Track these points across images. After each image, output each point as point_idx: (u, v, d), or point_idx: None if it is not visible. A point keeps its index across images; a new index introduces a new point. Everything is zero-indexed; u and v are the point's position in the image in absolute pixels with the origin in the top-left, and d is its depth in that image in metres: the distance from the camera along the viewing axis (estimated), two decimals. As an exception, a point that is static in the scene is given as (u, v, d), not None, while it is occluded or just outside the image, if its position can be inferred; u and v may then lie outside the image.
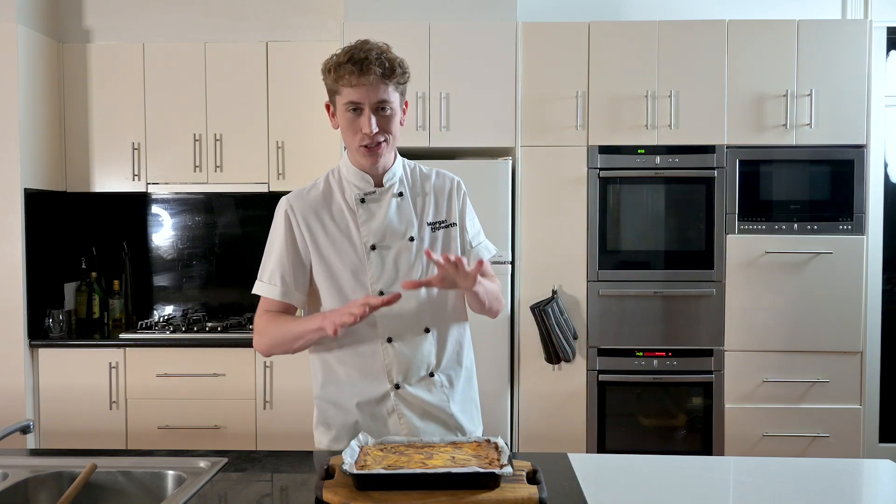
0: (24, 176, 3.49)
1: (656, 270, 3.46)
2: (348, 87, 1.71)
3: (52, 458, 1.77)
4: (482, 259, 1.71)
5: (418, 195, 1.85)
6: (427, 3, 3.48)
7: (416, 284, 1.69)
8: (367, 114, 1.71)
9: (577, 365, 3.44)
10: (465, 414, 1.88)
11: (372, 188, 1.81)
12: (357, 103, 1.71)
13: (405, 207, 1.82)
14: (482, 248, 1.90)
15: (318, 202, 1.82)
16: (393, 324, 1.79)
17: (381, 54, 1.70)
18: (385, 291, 1.77)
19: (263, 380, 3.48)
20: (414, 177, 1.88)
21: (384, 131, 1.73)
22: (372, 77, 1.68)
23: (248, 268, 4.03)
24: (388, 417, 1.81)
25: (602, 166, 3.43)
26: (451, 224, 1.85)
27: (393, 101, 1.73)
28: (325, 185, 1.85)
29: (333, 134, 3.60)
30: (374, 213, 1.80)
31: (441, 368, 1.84)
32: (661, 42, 3.43)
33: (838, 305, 3.41)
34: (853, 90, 3.42)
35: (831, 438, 3.41)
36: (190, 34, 3.81)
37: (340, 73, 1.70)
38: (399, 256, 1.79)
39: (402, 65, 1.73)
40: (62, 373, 3.51)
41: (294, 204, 1.82)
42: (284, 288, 1.80)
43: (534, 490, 1.43)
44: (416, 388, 1.81)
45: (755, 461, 1.78)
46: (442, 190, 1.87)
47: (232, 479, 1.63)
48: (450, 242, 1.85)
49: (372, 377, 1.81)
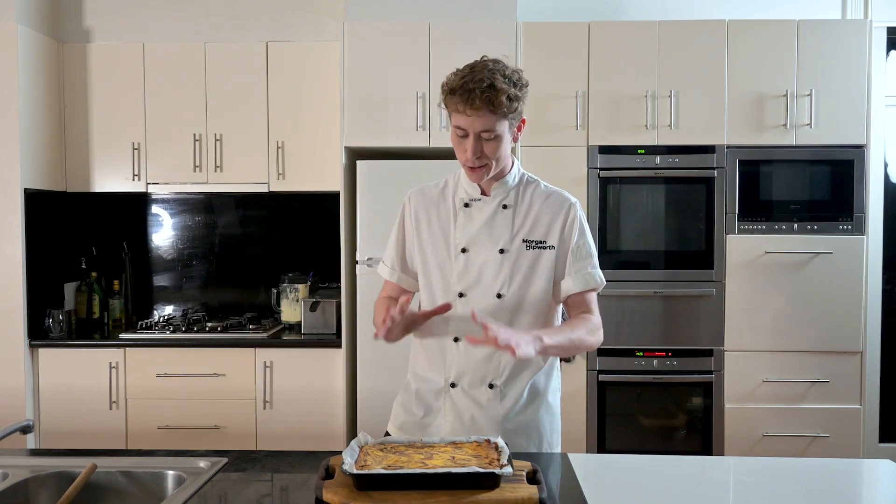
0: (24, 176, 3.49)
1: (656, 270, 3.46)
2: (456, 112, 1.79)
3: (52, 458, 1.77)
4: (473, 312, 1.67)
5: (524, 210, 1.88)
6: (427, 3, 3.48)
7: (476, 341, 1.66)
8: (471, 140, 1.78)
9: (577, 365, 3.44)
10: (518, 436, 1.85)
11: (478, 196, 1.88)
12: (464, 129, 1.78)
13: (505, 219, 1.86)
14: (586, 276, 1.85)
15: (434, 198, 1.93)
16: (462, 325, 1.83)
17: (490, 86, 1.72)
18: (465, 293, 1.84)
19: (263, 380, 3.48)
20: (527, 191, 1.90)
21: (486, 156, 1.79)
22: (477, 109, 1.74)
23: (248, 268, 4.08)
24: (437, 414, 1.87)
25: (602, 166, 3.43)
26: (548, 246, 1.85)
27: (498, 129, 1.77)
28: (444, 184, 1.95)
29: (333, 134, 3.61)
30: (473, 219, 1.87)
31: (503, 382, 1.85)
32: (661, 42, 3.43)
33: (838, 305, 3.41)
34: (853, 90, 3.42)
35: (831, 438, 3.41)
36: (190, 34, 3.81)
37: (452, 99, 1.78)
38: (486, 264, 1.84)
39: (510, 94, 1.74)
40: (62, 373, 3.51)
41: (413, 196, 1.96)
42: (395, 271, 1.96)
43: (534, 490, 1.43)
44: (470, 393, 1.85)
45: (755, 461, 1.78)
46: (551, 209, 1.87)
47: (232, 479, 1.63)
48: (540, 263, 1.85)
49: (436, 370, 1.88)
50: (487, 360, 1.84)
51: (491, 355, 1.84)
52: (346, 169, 3.50)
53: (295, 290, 3.67)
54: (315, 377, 3.47)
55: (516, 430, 1.85)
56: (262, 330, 3.59)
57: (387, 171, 3.36)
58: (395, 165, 3.36)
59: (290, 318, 3.69)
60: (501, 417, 1.85)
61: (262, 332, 3.56)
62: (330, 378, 3.46)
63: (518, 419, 1.86)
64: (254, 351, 3.48)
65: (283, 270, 3.87)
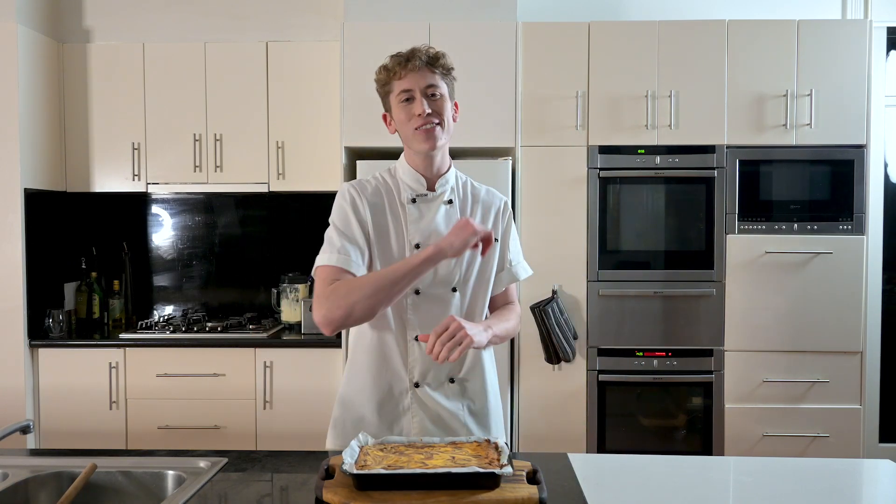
0: (24, 176, 3.49)
1: (656, 270, 3.46)
2: (398, 79, 1.81)
3: (52, 458, 1.77)
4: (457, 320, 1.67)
5: (467, 206, 1.92)
6: (427, 3, 3.48)
7: (426, 338, 1.71)
8: (419, 98, 1.80)
9: (577, 365, 3.44)
10: (481, 427, 1.89)
11: (424, 191, 1.88)
12: (408, 90, 1.80)
13: (452, 215, 1.88)
14: (519, 268, 1.99)
15: (377, 194, 1.89)
16: (423, 323, 1.83)
17: (425, 49, 1.82)
18: (421, 289, 1.84)
19: (263, 380, 3.48)
20: (465, 189, 1.95)
21: (437, 114, 1.81)
22: (417, 63, 1.79)
23: (248, 268, 4.08)
24: (402, 416, 1.85)
25: (602, 166, 3.43)
26: (494, 238, 1.88)
27: (441, 87, 1.82)
28: (381, 181, 1.92)
29: (333, 134, 3.61)
30: (423, 215, 1.87)
31: (462, 375, 1.88)
32: (661, 42, 3.43)
33: (838, 305, 3.41)
34: (853, 90, 3.42)
35: (831, 438, 3.41)
36: (190, 34, 3.81)
37: (389, 69, 1.82)
38: None
39: (447, 58, 1.84)
40: (62, 373, 3.51)
41: (358, 188, 1.89)
42: (357, 259, 1.80)
43: (534, 490, 1.43)
44: (436, 391, 1.85)
45: (755, 461, 1.78)
46: (489, 206, 1.94)
47: (232, 479, 1.63)
48: (489, 257, 1.89)
49: (393, 372, 1.85)
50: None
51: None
52: (346, 169, 3.50)
53: (295, 290, 3.67)
54: (315, 377, 3.47)
55: (479, 421, 1.89)
56: (262, 330, 3.59)
57: (387, 171, 3.36)
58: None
59: (290, 318, 3.69)
60: (466, 410, 1.88)
61: (262, 332, 3.56)
62: (330, 378, 3.46)
63: (480, 409, 1.90)
64: (254, 351, 3.48)
65: (283, 270, 3.87)
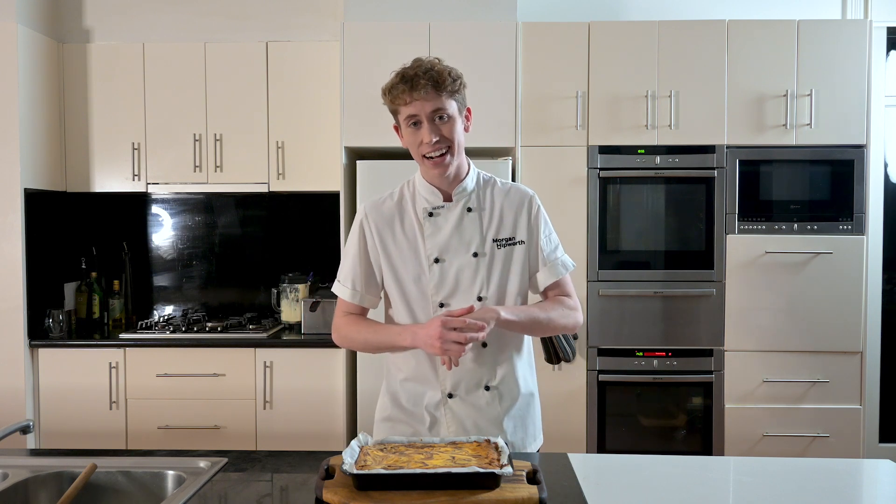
0: (24, 176, 3.49)
1: (656, 270, 3.46)
2: (404, 105, 1.78)
3: (52, 458, 1.77)
4: (472, 305, 1.78)
5: (487, 210, 1.88)
6: (427, 3, 3.48)
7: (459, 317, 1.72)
8: (425, 125, 1.77)
9: (577, 365, 3.44)
10: (517, 432, 1.89)
11: (441, 203, 1.86)
12: (414, 116, 1.78)
13: (472, 222, 1.86)
14: (558, 265, 1.91)
15: (391, 213, 1.89)
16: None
17: (430, 69, 1.77)
18: (445, 303, 1.84)
19: (263, 380, 3.48)
20: (486, 191, 1.90)
21: (445, 139, 1.78)
22: (423, 91, 1.75)
23: (248, 268, 4.08)
24: (438, 425, 1.86)
25: (602, 166, 3.43)
26: (517, 242, 1.87)
27: (448, 108, 1.78)
28: (400, 196, 1.91)
29: (333, 134, 3.61)
30: (440, 227, 1.85)
31: (497, 384, 1.87)
32: (661, 42, 3.43)
33: (838, 305, 3.41)
34: (853, 90, 3.42)
35: (831, 438, 3.41)
36: (190, 34, 3.81)
37: (395, 93, 1.79)
38: (461, 271, 1.84)
39: (453, 74, 1.79)
40: (62, 373, 3.51)
41: (370, 213, 1.89)
42: (357, 292, 1.90)
43: (534, 490, 1.43)
44: (468, 400, 1.85)
45: (755, 461, 1.78)
46: (513, 205, 1.90)
47: (232, 479, 1.63)
48: (513, 260, 1.87)
49: (427, 383, 1.86)
50: (479, 363, 1.85)
51: (482, 358, 1.85)
52: (346, 169, 3.50)
53: (295, 290, 3.67)
54: (315, 377, 3.47)
55: (515, 427, 1.89)
56: (262, 330, 3.59)
57: (386, 171, 3.36)
58: (394, 165, 3.35)
59: (290, 318, 3.69)
60: (503, 416, 1.86)
61: (262, 332, 3.56)
62: (330, 378, 3.46)
63: (516, 415, 1.89)
64: (254, 351, 3.48)
65: (283, 270, 3.87)
